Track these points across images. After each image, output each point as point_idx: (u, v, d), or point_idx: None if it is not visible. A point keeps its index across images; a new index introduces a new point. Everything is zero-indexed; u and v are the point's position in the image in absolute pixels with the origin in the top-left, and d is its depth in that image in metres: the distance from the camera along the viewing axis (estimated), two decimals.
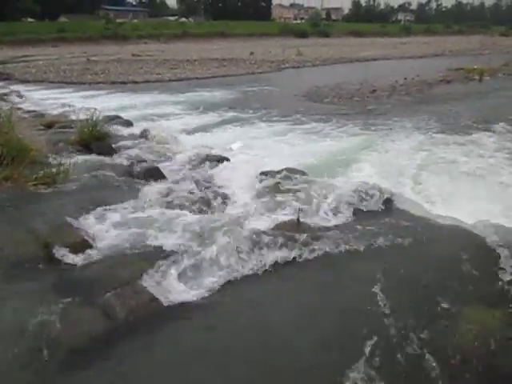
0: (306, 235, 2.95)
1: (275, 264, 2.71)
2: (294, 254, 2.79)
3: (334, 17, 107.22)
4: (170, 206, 3.57)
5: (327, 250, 2.84)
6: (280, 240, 2.87)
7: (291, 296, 2.49)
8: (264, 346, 2.09)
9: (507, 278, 2.55)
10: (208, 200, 3.71)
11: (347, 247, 2.88)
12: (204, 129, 8.66)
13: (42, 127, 7.08)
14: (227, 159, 5.18)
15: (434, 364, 1.96)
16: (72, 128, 6.72)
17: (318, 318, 2.26)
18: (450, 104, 11.25)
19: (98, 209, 3.45)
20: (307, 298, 2.45)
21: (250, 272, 2.64)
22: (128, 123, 8.01)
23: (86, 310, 2.24)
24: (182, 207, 3.53)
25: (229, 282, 2.55)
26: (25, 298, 2.33)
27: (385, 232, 3.06)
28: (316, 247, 2.84)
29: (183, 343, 2.13)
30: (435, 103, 11.37)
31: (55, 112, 9.58)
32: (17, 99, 12.49)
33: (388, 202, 3.62)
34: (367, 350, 2.00)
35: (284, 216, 3.36)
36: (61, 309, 2.23)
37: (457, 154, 6.59)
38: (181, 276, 2.57)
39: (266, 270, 2.66)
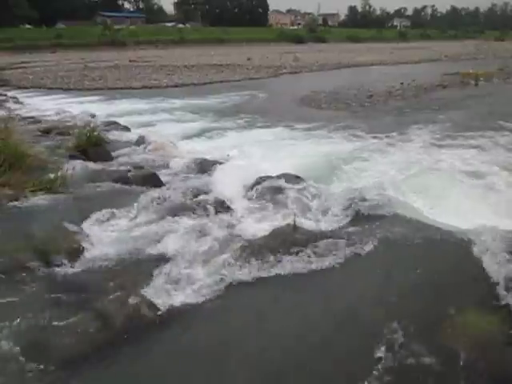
0: (302, 240, 2.96)
1: (272, 269, 2.72)
2: (290, 259, 2.80)
3: (330, 22, 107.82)
4: (166, 212, 3.57)
5: (324, 255, 2.85)
6: (277, 245, 2.89)
7: (288, 301, 2.50)
8: (262, 350, 2.09)
9: (505, 282, 2.56)
10: (205, 206, 3.71)
11: (344, 252, 2.89)
12: (201, 134, 8.67)
13: (40, 133, 7.09)
14: (224, 165, 5.20)
15: (433, 368, 1.98)
16: (70, 134, 6.73)
17: (315, 323, 2.28)
18: (447, 108, 11.30)
19: (95, 215, 3.46)
20: (304, 302, 2.46)
21: (247, 278, 2.65)
22: (125, 129, 8.04)
23: (84, 316, 2.24)
24: (178, 213, 3.53)
25: (226, 287, 2.56)
26: (21, 304, 2.33)
27: (381, 237, 3.07)
28: (312, 252, 2.86)
29: (181, 348, 2.14)
30: (431, 108, 11.41)
31: (53, 118, 9.59)
32: (14, 105, 12.49)
33: (384, 206, 3.64)
34: (366, 354, 2.01)
35: (281, 221, 3.37)
36: (58, 315, 2.23)
37: (456, 159, 6.60)
38: (178, 282, 2.57)
39: (262, 276, 2.67)
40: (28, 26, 64.74)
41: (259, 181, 4.35)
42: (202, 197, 3.96)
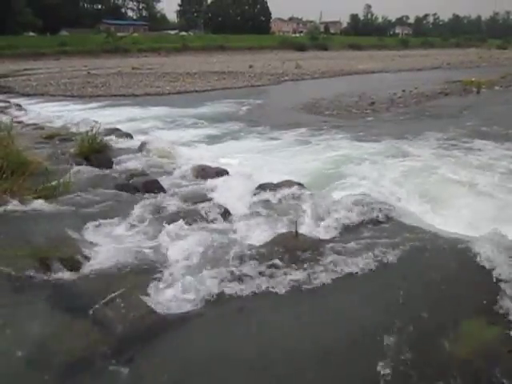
0: (303, 248, 2.95)
1: (273, 277, 2.71)
2: (291, 267, 2.79)
3: (332, 30, 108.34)
4: (168, 219, 3.57)
5: (325, 263, 2.83)
6: (278, 253, 2.87)
7: (289, 309, 2.48)
8: (262, 359, 2.08)
9: (506, 291, 2.54)
10: (206, 213, 3.71)
11: (345, 261, 2.87)
12: (203, 142, 8.71)
13: (43, 140, 7.11)
14: (226, 172, 5.20)
15: (434, 379, 1.96)
16: (72, 141, 6.75)
17: (316, 333, 2.26)
18: (448, 115, 11.32)
19: (97, 222, 3.45)
20: (305, 312, 2.44)
21: (248, 285, 2.63)
22: (127, 136, 8.05)
23: (84, 323, 2.24)
24: (180, 220, 3.53)
25: (226, 295, 2.55)
26: (22, 312, 2.32)
27: (382, 245, 3.05)
28: (314, 260, 2.84)
29: (181, 356, 2.12)
30: (433, 115, 11.44)
31: (56, 125, 9.63)
32: (17, 112, 12.55)
33: (386, 213, 3.62)
34: (367, 365, 1.99)
35: (282, 229, 3.36)
36: (58, 323, 2.23)
37: (458, 166, 6.60)
38: (178, 289, 2.56)
39: (263, 284, 2.66)
40: (32, 34, 65.26)
41: (261, 188, 4.35)
42: (203, 204, 3.95)
